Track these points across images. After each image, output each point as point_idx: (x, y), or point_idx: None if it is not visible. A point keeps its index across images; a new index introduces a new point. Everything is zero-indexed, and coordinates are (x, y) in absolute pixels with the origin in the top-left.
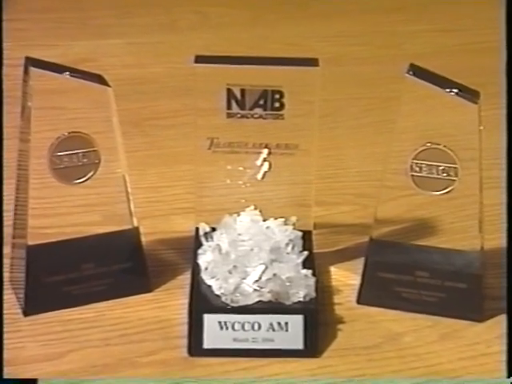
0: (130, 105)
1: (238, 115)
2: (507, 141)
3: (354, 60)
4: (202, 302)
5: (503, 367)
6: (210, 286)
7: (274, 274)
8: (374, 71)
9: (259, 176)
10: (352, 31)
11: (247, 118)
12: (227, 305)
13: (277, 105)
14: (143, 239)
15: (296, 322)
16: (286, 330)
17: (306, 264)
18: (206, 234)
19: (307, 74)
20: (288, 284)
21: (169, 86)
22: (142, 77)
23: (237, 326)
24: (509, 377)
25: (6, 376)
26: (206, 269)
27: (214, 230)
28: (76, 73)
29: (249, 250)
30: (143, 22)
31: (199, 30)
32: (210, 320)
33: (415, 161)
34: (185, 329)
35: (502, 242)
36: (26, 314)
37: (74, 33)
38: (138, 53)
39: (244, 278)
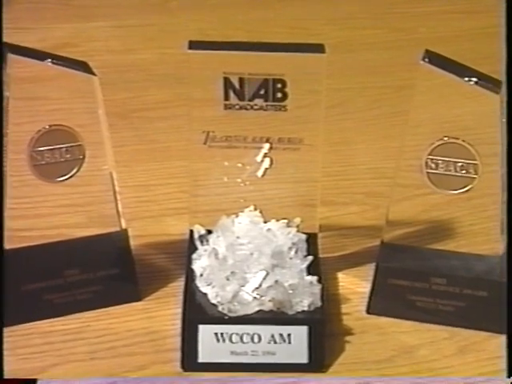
0: (117, 95)
1: (237, 106)
2: (507, 136)
3: (363, 45)
4: (196, 311)
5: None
6: (205, 294)
7: (276, 281)
8: (386, 58)
9: (259, 173)
10: (361, 13)
11: (246, 109)
12: (224, 315)
13: (279, 95)
14: (132, 243)
15: (300, 333)
16: (289, 343)
17: (311, 270)
18: (201, 236)
19: (312, 61)
20: (291, 292)
21: (160, 74)
22: (131, 64)
23: (235, 338)
24: (509, 377)
25: (6, 376)
26: (201, 275)
27: (209, 232)
28: (58, 60)
29: (248, 255)
30: (131, 2)
31: (193, 12)
32: (205, 331)
33: (431, 157)
34: (178, 341)
35: None
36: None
37: (54, 15)
38: (126, 37)
39: (243, 286)
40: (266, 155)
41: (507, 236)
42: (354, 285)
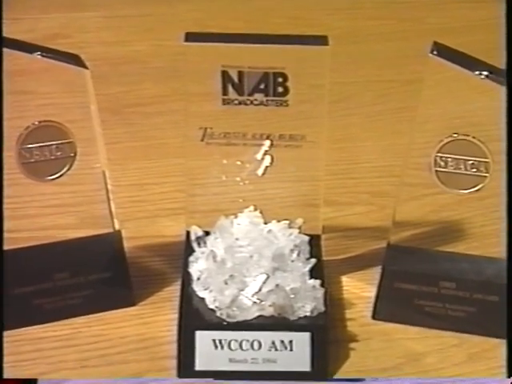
0: (110, 89)
1: (236, 101)
2: (507, 133)
3: (369, 36)
4: (193, 317)
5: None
6: (202, 299)
7: (277, 285)
8: (393, 50)
9: (260, 172)
10: (367, 2)
11: (246, 104)
12: (223, 320)
13: (280, 89)
14: (126, 245)
15: (302, 340)
16: (291, 350)
17: (314, 273)
18: (198, 238)
19: (315, 54)
20: (293, 296)
21: (155, 68)
22: (124, 56)
23: (234, 345)
24: (509, 377)
25: (5, 376)
26: (199, 279)
27: (207, 233)
28: (48, 52)
29: (248, 258)
30: None
31: (191, 2)
32: (202, 338)
33: (440, 154)
34: (174, 348)
35: None
36: None
37: (43, 4)
38: (120, 28)
39: (242, 290)
40: (266, 153)
41: (508, 238)
42: (359, 289)
